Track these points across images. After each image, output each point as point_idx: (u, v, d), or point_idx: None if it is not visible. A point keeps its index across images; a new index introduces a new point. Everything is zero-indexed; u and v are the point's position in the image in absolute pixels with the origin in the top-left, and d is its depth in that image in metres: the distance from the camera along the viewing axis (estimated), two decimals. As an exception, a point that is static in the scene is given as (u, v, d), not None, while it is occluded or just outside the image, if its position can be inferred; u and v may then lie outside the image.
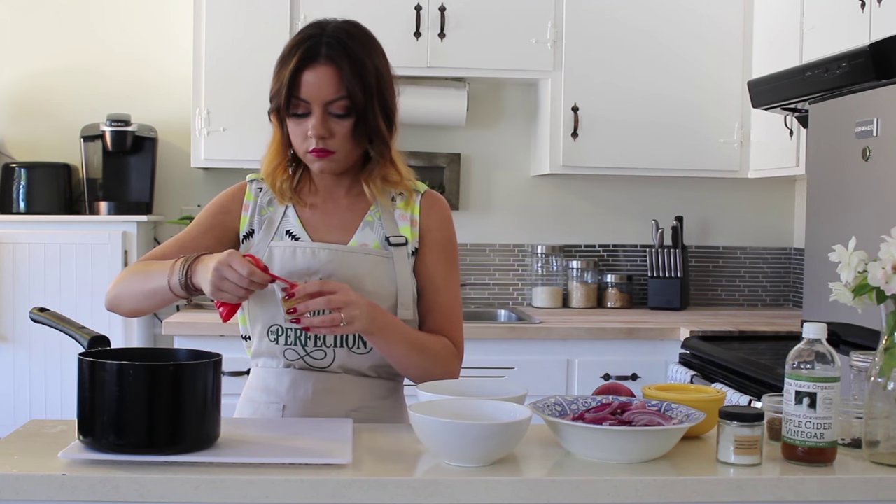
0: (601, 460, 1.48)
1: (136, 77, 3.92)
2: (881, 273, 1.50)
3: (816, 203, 2.92)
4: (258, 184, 1.92)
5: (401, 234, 1.87)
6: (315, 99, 1.76)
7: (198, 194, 3.99)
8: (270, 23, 3.60)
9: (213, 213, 1.91)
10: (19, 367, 3.49)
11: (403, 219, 1.89)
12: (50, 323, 1.74)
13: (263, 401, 1.88)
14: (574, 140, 3.71)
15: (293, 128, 1.80)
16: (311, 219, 1.89)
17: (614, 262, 4.11)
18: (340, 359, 1.83)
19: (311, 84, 1.75)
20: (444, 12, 3.60)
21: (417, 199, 1.91)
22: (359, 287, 1.79)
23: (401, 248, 1.86)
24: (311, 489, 1.36)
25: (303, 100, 1.76)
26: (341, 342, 1.82)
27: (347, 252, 1.84)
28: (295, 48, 1.78)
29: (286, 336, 1.84)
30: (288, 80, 1.75)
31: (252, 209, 1.90)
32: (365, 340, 1.82)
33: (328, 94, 1.76)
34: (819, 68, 2.75)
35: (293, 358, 1.85)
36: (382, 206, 1.88)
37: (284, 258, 1.83)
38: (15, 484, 1.35)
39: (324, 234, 1.87)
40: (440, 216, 1.92)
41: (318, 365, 1.84)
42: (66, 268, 3.50)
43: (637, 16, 3.73)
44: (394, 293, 1.84)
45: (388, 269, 1.84)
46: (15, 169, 3.68)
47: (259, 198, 1.90)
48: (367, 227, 1.87)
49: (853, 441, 1.58)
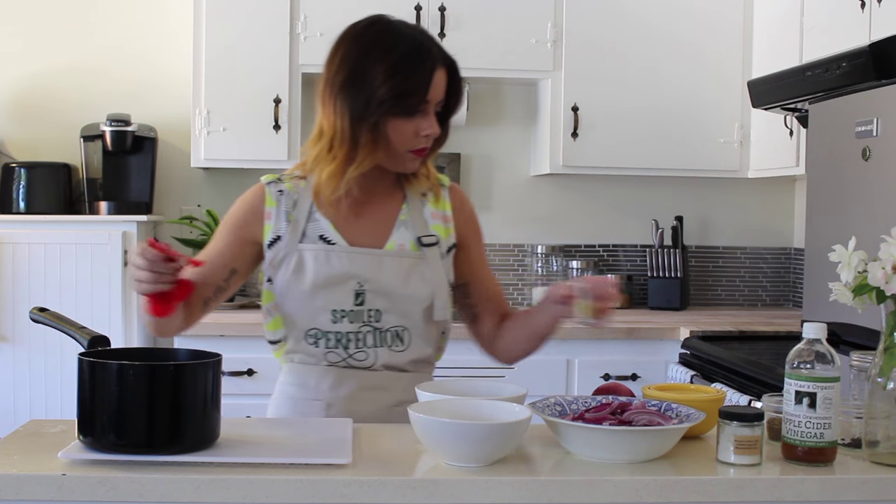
0: (601, 460, 1.48)
1: (136, 77, 3.92)
2: (881, 273, 1.50)
3: (816, 203, 2.92)
4: (277, 186, 1.88)
5: (432, 232, 1.88)
6: (434, 98, 1.79)
7: (198, 194, 3.99)
8: (270, 23, 3.60)
9: (230, 230, 1.88)
10: (19, 367, 3.49)
11: (435, 217, 1.90)
12: (50, 323, 1.74)
13: (303, 397, 1.87)
14: (574, 140, 3.71)
15: (402, 127, 1.78)
16: (345, 222, 1.86)
17: (614, 262, 4.11)
18: (382, 358, 1.85)
19: (436, 85, 1.78)
20: (444, 12, 3.60)
21: (446, 194, 1.93)
22: (396, 291, 1.82)
23: (433, 247, 1.87)
24: (311, 489, 1.36)
25: (426, 100, 1.78)
26: (381, 342, 1.84)
27: (384, 256, 1.84)
28: (421, 49, 1.78)
29: (326, 339, 1.84)
30: (427, 79, 1.76)
31: (276, 215, 1.86)
32: (402, 338, 1.85)
33: (442, 94, 1.81)
34: (819, 68, 2.75)
35: (335, 360, 1.85)
36: (413, 203, 1.89)
37: (319, 262, 1.82)
38: (15, 484, 1.35)
39: (359, 238, 1.85)
40: (470, 208, 1.99)
41: (361, 365, 1.84)
42: (66, 268, 3.50)
43: (637, 15, 3.73)
44: (429, 295, 1.85)
45: (424, 271, 1.85)
46: (15, 169, 3.68)
47: (282, 202, 1.86)
48: (402, 227, 1.88)
49: (853, 441, 1.58)
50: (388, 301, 1.83)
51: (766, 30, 3.63)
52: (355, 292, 1.82)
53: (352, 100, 1.77)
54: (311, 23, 3.60)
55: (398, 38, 1.78)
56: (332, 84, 1.80)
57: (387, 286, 1.82)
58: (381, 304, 1.83)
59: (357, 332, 1.83)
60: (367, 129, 1.76)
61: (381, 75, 1.74)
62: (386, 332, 1.84)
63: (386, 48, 1.76)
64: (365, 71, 1.76)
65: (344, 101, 1.77)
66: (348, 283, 1.81)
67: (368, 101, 1.75)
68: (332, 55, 1.83)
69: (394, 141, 1.79)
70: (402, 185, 1.91)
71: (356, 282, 1.82)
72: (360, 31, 1.82)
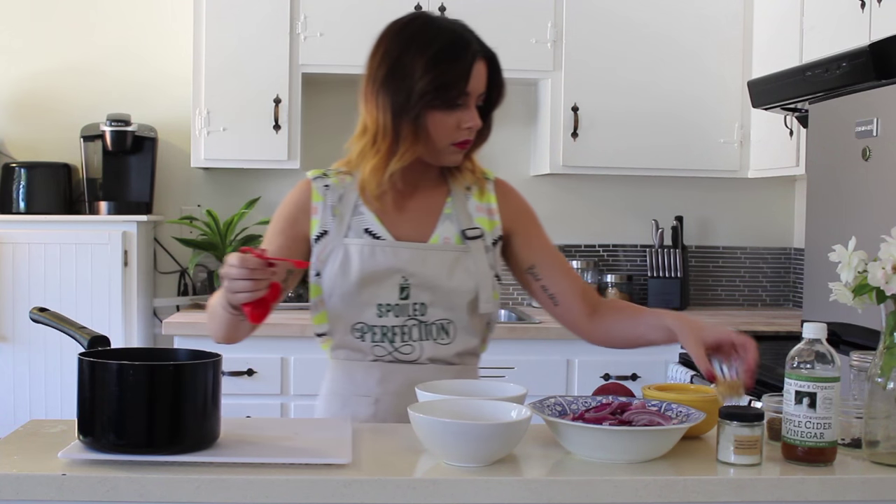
0: (601, 460, 1.48)
1: (137, 77, 3.92)
2: (881, 273, 1.50)
3: (816, 203, 2.92)
4: (323, 181, 1.89)
5: (476, 225, 1.89)
6: (474, 91, 1.80)
7: (198, 194, 3.99)
8: (270, 23, 3.60)
9: (281, 230, 1.89)
10: (19, 367, 3.49)
11: (479, 210, 1.91)
12: (50, 323, 1.74)
13: (351, 393, 1.88)
14: (574, 140, 3.71)
15: (443, 120, 1.79)
16: (390, 215, 1.87)
17: (614, 262, 4.11)
18: (428, 351, 1.86)
19: (475, 77, 1.80)
20: (443, 12, 3.59)
21: (491, 187, 1.94)
22: (441, 284, 1.83)
23: (477, 240, 1.88)
24: (311, 489, 1.36)
25: (466, 92, 1.79)
26: (427, 335, 1.86)
27: (428, 250, 1.85)
28: (459, 42, 1.80)
29: (372, 333, 1.85)
30: (466, 72, 1.78)
31: (322, 210, 1.87)
32: (448, 331, 1.86)
33: (482, 86, 1.82)
34: (819, 68, 2.75)
35: (381, 354, 1.86)
36: (457, 197, 1.90)
37: (364, 257, 1.83)
38: (15, 484, 1.35)
39: (404, 231, 1.87)
40: (518, 198, 1.99)
41: (406, 359, 1.85)
42: (66, 268, 3.50)
43: (637, 15, 3.73)
44: (474, 288, 1.86)
45: (468, 264, 1.86)
46: (15, 169, 3.68)
47: (327, 196, 1.88)
48: (447, 221, 1.89)
49: (853, 441, 1.58)
50: (432, 294, 1.84)
51: (766, 30, 3.63)
52: (400, 286, 1.84)
53: (393, 94, 1.79)
54: (311, 23, 3.60)
55: (438, 31, 1.81)
56: (373, 79, 1.82)
57: (431, 279, 1.83)
58: (425, 298, 1.84)
59: (402, 326, 1.84)
60: (409, 122, 1.78)
61: (421, 68, 1.77)
62: (431, 325, 1.86)
63: (426, 42, 1.79)
64: (405, 65, 1.78)
65: (385, 96, 1.80)
66: (393, 277, 1.83)
67: (409, 94, 1.77)
68: (374, 51, 1.85)
69: (435, 134, 1.81)
70: (446, 179, 1.93)
71: (401, 276, 1.83)
72: (400, 26, 1.84)
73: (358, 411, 1.85)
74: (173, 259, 3.97)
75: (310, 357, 3.30)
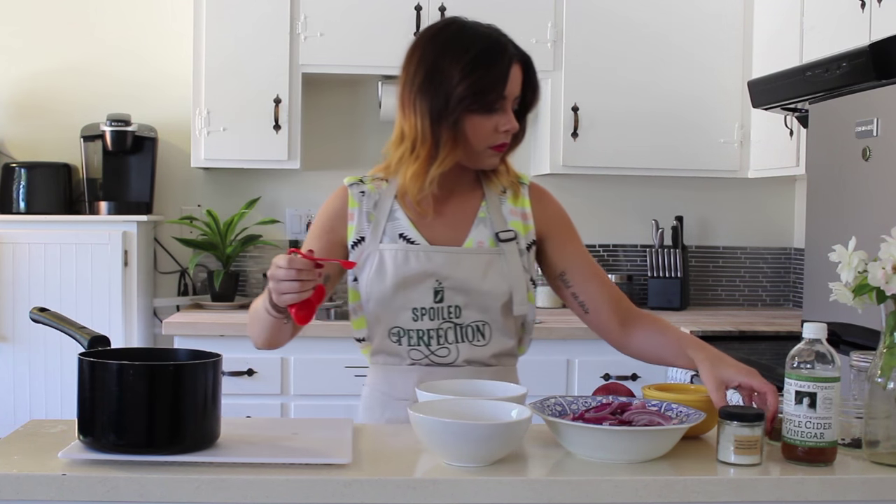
0: (601, 460, 1.48)
1: (137, 77, 3.92)
2: (881, 273, 1.50)
3: (816, 203, 2.92)
4: (359, 188, 1.91)
5: (510, 228, 1.90)
6: (511, 94, 1.82)
7: (198, 194, 3.99)
8: (270, 23, 3.60)
9: (318, 236, 1.90)
10: (19, 367, 3.49)
11: (513, 214, 1.92)
12: (50, 323, 1.74)
13: (391, 397, 1.89)
14: (574, 140, 3.71)
15: (481, 124, 1.81)
16: (425, 220, 1.88)
17: (614, 262, 4.11)
18: (464, 353, 1.86)
19: (512, 81, 1.81)
20: (443, 12, 3.59)
21: (525, 191, 1.95)
22: (474, 286, 1.84)
23: (510, 242, 1.89)
24: (311, 489, 1.37)
25: (504, 96, 1.80)
26: (462, 337, 1.86)
27: (462, 254, 1.86)
28: (496, 46, 1.81)
29: (408, 337, 1.86)
30: (504, 76, 1.79)
31: (359, 216, 1.89)
32: (483, 332, 1.87)
33: (518, 89, 1.84)
34: (819, 68, 2.75)
35: (418, 357, 1.87)
36: (491, 200, 1.91)
37: (398, 262, 1.84)
38: (15, 484, 1.35)
39: (439, 235, 1.88)
40: (553, 203, 1.99)
41: (443, 362, 1.86)
42: (66, 268, 3.50)
43: (637, 15, 3.73)
44: (507, 291, 1.86)
45: (501, 266, 1.87)
46: (15, 169, 3.68)
47: (363, 203, 1.89)
48: (481, 224, 1.90)
49: (853, 441, 1.58)
50: (467, 297, 1.85)
51: (766, 30, 3.63)
52: (434, 290, 1.84)
53: (431, 99, 1.80)
54: (311, 23, 3.60)
55: (473, 36, 1.82)
56: (410, 86, 1.83)
57: (465, 282, 1.84)
58: (460, 301, 1.85)
59: (438, 329, 1.85)
60: (448, 127, 1.80)
61: (458, 73, 1.78)
62: (466, 327, 1.86)
63: (462, 47, 1.80)
64: (442, 70, 1.79)
65: (423, 102, 1.81)
66: (427, 281, 1.84)
67: (447, 99, 1.79)
68: (409, 58, 1.86)
69: (473, 138, 1.82)
70: (481, 183, 1.94)
71: (435, 280, 1.84)
72: (435, 32, 1.86)
73: (397, 415, 1.86)
74: (173, 259, 3.97)
75: (310, 357, 3.30)
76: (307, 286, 1.60)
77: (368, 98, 3.96)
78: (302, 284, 1.59)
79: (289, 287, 1.59)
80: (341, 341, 3.24)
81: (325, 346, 3.29)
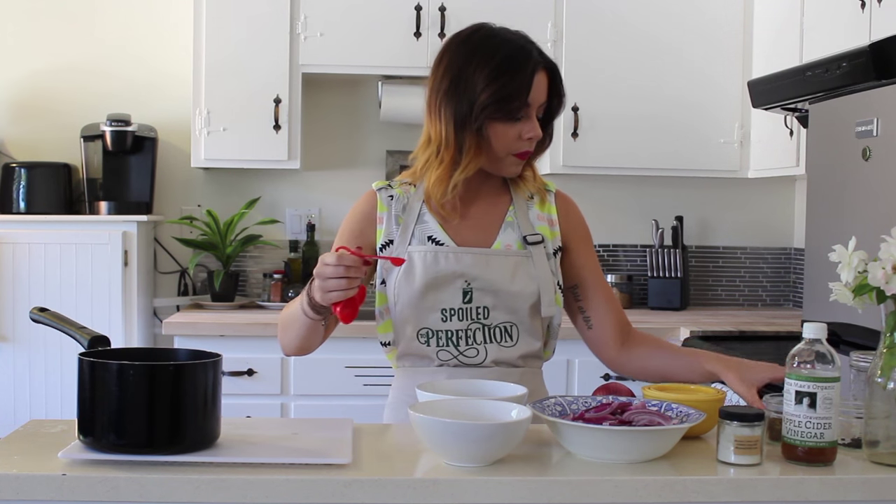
0: (601, 460, 1.48)
1: (137, 77, 3.92)
2: (881, 273, 1.50)
3: (816, 203, 2.92)
4: (387, 192, 1.92)
5: (537, 232, 1.91)
6: (535, 102, 1.82)
7: (198, 194, 3.99)
8: (270, 23, 3.60)
9: (347, 241, 1.90)
10: (19, 367, 3.49)
11: (540, 219, 1.94)
12: (50, 323, 1.74)
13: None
14: (574, 140, 3.71)
15: (505, 132, 1.82)
16: (453, 223, 1.90)
17: (614, 262, 4.11)
18: (492, 354, 1.87)
19: (536, 88, 1.81)
20: (444, 12, 3.60)
21: (552, 198, 1.97)
22: (503, 288, 1.85)
23: (538, 245, 1.90)
24: (311, 489, 1.37)
25: (528, 104, 1.81)
26: (490, 338, 1.87)
27: (490, 255, 1.87)
28: (521, 53, 1.81)
29: (437, 338, 1.87)
30: (527, 83, 1.79)
31: (387, 220, 1.90)
32: (511, 334, 1.88)
33: (543, 97, 1.84)
34: (819, 68, 2.75)
35: (446, 358, 1.87)
36: (519, 205, 1.93)
37: (427, 263, 1.85)
38: (15, 484, 1.35)
39: (467, 238, 1.89)
40: (577, 213, 2.01)
41: (471, 362, 1.87)
42: (66, 268, 3.50)
43: (637, 16, 3.73)
44: (536, 292, 1.87)
45: (529, 268, 1.88)
46: (15, 169, 3.68)
47: (392, 206, 1.91)
48: (509, 228, 1.91)
49: (853, 441, 1.58)
50: (495, 298, 1.86)
51: (766, 30, 3.63)
52: (463, 290, 1.86)
53: (456, 106, 1.81)
54: (311, 23, 3.60)
55: (499, 43, 1.83)
56: (437, 91, 1.85)
57: (493, 283, 1.85)
58: (488, 302, 1.86)
59: (466, 330, 1.86)
60: (472, 134, 1.81)
61: (483, 80, 1.79)
62: (495, 328, 1.87)
63: (487, 54, 1.81)
64: (467, 77, 1.81)
65: (448, 108, 1.82)
66: (456, 282, 1.85)
67: (471, 106, 1.80)
68: (437, 63, 1.88)
69: (497, 145, 1.83)
70: (508, 188, 1.95)
71: (464, 280, 1.85)
72: (463, 38, 1.87)
73: None
74: (173, 259, 3.97)
75: (310, 357, 3.27)
76: (354, 283, 1.62)
77: (368, 98, 3.96)
78: (349, 282, 1.61)
79: (336, 284, 1.61)
80: (341, 341, 3.24)
81: (325, 346, 3.23)
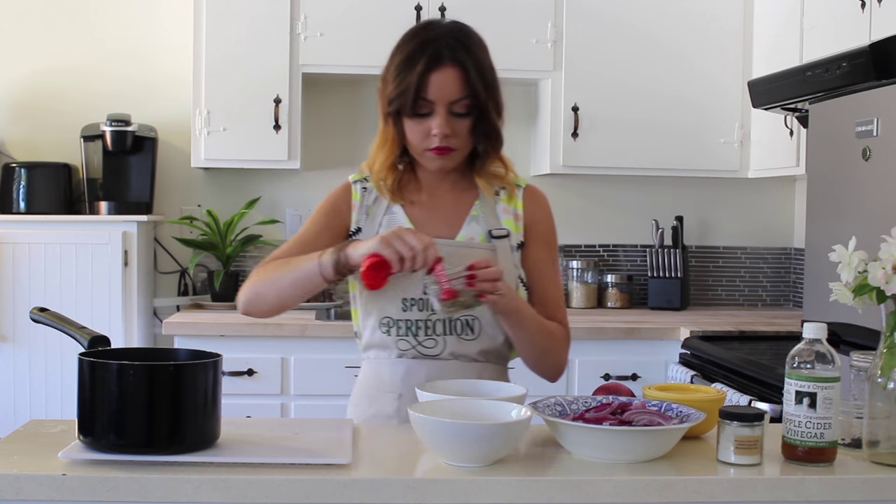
0: (601, 460, 1.48)
1: (137, 77, 3.92)
2: (881, 273, 1.50)
3: (816, 203, 2.92)
4: (362, 184, 1.98)
5: (503, 226, 1.93)
6: (440, 99, 1.83)
7: (198, 194, 3.99)
8: (270, 23, 3.60)
9: (325, 216, 1.97)
10: (19, 367, 3.49)
11: (506, 213, 1.95)
12: (50, 323, 1.74)
13: (378, 391, 1.91)
14: (574, 140, 3.71)
15: (413, 127, 1.85)
16: (418, 215, 1.94)
17: (614, 262, 4.11)
18: (451, 346, 1.88)
19: (437, 85, 1.82)
20: (444, 12, 3.59)
21: (520, 193, 1.98)
22: None
23: (503, 240, 1.92)
24: (311, 489, 1.37)
25: (428, 100, 1.82)
26: (450, 330, 1.88)
27: (455, 246, 1.89)
28: (419, 51, 1.83)
29: (398, 328, 1.89)
30: (416, 82, 1.81)
31: (359, 208, 1.96)
32: (473, 327, 1.88)
33: (453, 94, 1.83)
34: (819, 68, 2.75)
35: (405, 348, 1.89)
36: (485, 200, 1.95)
37: None
38: (15, 484, 1.35)
39: (431, 230, 1.91)
40: (543, 210, 2.01)
41: (430, 353, 1.88)
42: (66, 268, 3.50)
43: (637, 16, 3.73)
44: None
45: (493, 261, 1.87)
46: (15, 169, 3.68)
47: (364, 197, 1.96)
48: (473, 222, 1.94)
49: (853, 441, 1.58)
50: None
51: (766, 30, 3.63)
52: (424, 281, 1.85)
53: (380, 99, 1.90)
54: (311, 23, 3.60)
55: (409, 38, 1.88)
56: None
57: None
58: None
59: (426, 321, 1.88)
60: (391, 127, 1.88)
61: (390, 77, 1.86)
62: (456, 320, 1.88)
63: (398, 49, 1.88)
64: (386, 71, 1.88)
65: (378, 100, 1.91)
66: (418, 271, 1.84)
67: (387, 101, 1.87)
68: None
69: (410, 139, 1.88)
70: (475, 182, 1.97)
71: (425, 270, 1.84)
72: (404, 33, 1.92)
73: (383, 409, 1.89)
74: (173, 259, 3.97)
75: (310, 357, 3.30)
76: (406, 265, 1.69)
77: (368, 98, 3.96)
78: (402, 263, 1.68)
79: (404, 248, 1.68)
80: (341, 341, 3.24)
81: (325, 346, 3.29)
